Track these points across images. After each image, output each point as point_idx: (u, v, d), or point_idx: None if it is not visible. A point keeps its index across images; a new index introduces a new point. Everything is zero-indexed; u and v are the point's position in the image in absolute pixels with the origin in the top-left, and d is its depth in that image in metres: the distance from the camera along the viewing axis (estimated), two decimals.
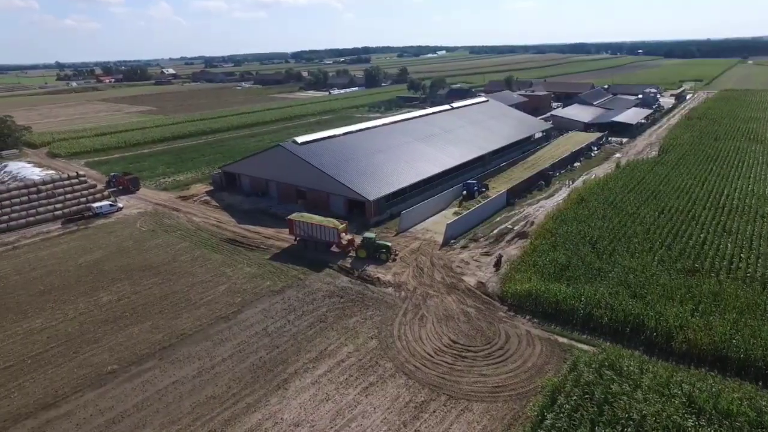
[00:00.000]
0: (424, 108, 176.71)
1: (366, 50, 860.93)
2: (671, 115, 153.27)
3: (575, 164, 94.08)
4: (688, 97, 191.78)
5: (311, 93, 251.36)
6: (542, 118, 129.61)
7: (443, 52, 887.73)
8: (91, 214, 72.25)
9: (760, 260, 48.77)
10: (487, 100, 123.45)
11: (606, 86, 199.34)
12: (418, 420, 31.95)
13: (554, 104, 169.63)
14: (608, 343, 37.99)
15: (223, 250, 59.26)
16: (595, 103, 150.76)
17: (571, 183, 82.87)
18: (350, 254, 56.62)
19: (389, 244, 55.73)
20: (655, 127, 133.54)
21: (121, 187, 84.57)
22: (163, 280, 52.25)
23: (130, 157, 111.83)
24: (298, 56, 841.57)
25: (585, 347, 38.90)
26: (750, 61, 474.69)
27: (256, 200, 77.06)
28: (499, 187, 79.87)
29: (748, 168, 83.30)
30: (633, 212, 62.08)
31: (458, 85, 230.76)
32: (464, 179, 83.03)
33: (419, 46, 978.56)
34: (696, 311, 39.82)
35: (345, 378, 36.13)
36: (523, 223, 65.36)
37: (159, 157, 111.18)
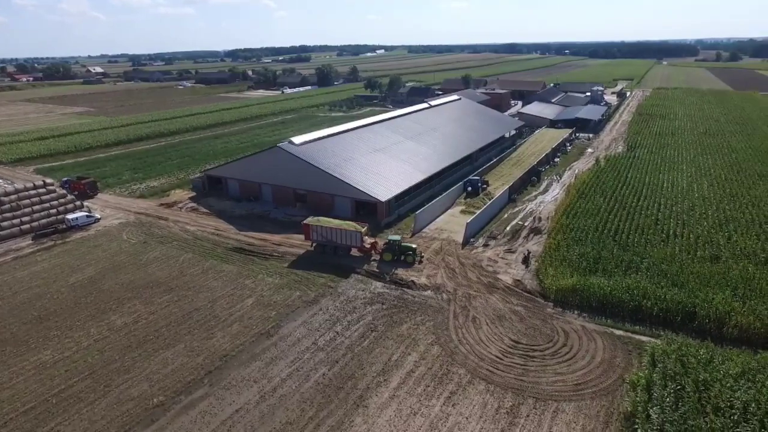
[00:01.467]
0: (386, 106, 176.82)
1: (304, 49, 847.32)
2: (620, 111, 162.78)
3: (555, 159, 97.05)
4: (627, 94, 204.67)
5: (261, 92, 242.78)
6: (511, 115, 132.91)
7: (382, 51, 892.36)
8: (65, 227, 64.73)
9: None
10: (460, 99, 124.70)
11: (554, 84, 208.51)
12: (515, 426, 30.97)
13: (511, 101, 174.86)
14: (672, 334, 38.94)
15: (235, 260, 55.10)
16: (552, 100, 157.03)
17: (558, 178, 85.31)
18: (373, 258, 54.57)
19: (415, 246, 54.26)
20: (611, 123, 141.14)
21: (77, 193, 76.50)
22: (178, 296, 47.60)
23: (86, 163, 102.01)
24: (233, 55, 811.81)
25: (643, 338, 39.68)
26: (664, 62, 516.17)
27: (248, 205, 72.55)
28: (493, 183, 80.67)
29: (719, 158, 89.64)
30: (636, 205, 64.71)
31: (410, 84, 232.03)
32: (456, 177, 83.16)
33: (357, 45, 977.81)
34: (735, 297, 41.86)
35: (423, 389, 34.42)
36: (531, 219, 66.17)
37: (120, 161, 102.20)
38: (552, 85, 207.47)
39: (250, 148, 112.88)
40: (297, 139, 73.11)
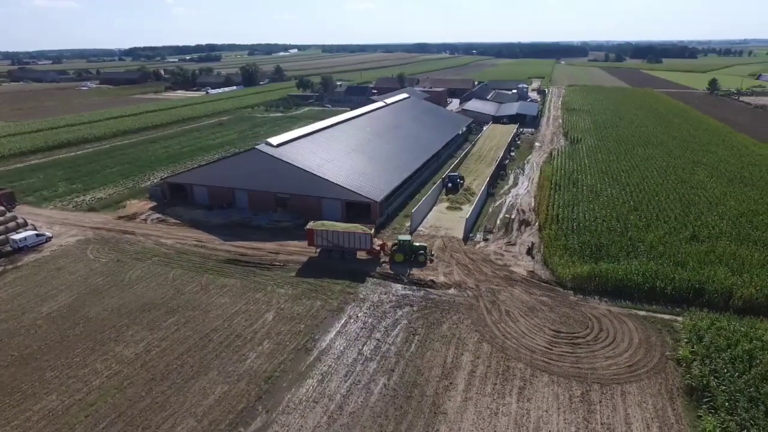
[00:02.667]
0: (324, 106, 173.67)
1: (212, 48, 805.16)
2: (548, 107, 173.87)
3: (512, 154, 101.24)
4: (546, 91, 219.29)
5: (181, 93, 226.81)
6: (456, 112, 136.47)
7: (295, 50, 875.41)
8: (11, 248, 55.58)
9: (737, 221, 58.34)
10: (409, 97, 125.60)
11: (478, 82, 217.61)
12: (594, 413, 31.65)
13: (447, 99, 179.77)
14: (693, 310, 42.04)
15: (233, 273, 50.75)
16: (487, 97, 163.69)
17: (521, 171, 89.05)
18: (382, 260, 53.07)
19: (425, 245, 53.60)
20: (544, 118, 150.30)
21: None
22: (185, 318, 42.79)
23: (4, 173, 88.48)
24: (132, 53, 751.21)
25: (664, 317, 42.49)
26: (562, 62, 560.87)
27: (223, 213, 67.24)
28: (465, 179, 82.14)
29: (654, 149, 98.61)
30: (608, 194, 69.27)
31: (340, 83, 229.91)
32: (428, 175, 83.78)
33: (268, 44, 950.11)
34: (731, 272, 46.25)
35: (492, 388, 34.02)
36: (515, 211, 68.35)
37: (48, 171, 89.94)
38: (477, 83, 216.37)
39: (197, 152, 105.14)
40: (274, 140, 68.99)
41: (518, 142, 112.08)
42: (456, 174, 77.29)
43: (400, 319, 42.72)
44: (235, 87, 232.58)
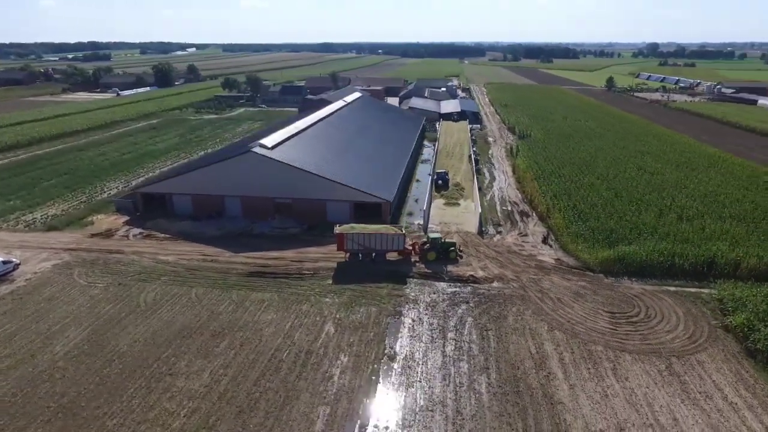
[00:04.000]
0: (259, 106, 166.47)
1: (95, 46, 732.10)
2: (480, 104, 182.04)
3: (474, 149, 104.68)
4: (470, 89, 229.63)
5: (84, 95, 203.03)
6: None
7: (193, 49, 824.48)
8: None
9: (705, 201, 65.57)
10: (361, 96, 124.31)
11: (407, 81, 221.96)
12: (686, 383, 33.96)
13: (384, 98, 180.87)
14: (720, 281, 46.62)
15: (265, 287, 46.82)
16: (425, 95, 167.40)
17: (492, 166, 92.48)
18: (414, 260, 52.19)
19: (455, 241, 53.66)
20: (482, 114, 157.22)
21: None
22: (238, 340, 38.67)
23: None
24: None
25: (691, 290, 46.70)
26: (466, 61, 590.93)
27: (214, 223, 61.62)
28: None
29: (598, 140, 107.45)
30: (588, 183, 74.38)
31: (273, 83, 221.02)
32: (408, 172, 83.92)
33: (161, 42, 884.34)
34: (729, 245, 52.08)
35: (588, 372, 35.08)
36: (508, 204, 70.91)
37: None
38: (407, 82, 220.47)
39: (143, 159, 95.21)
40: (268, 142, 64.57)
41: (473, 138, 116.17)
42: (444, 171, 78.25)
43: (464, 316, 42.44)
44: (148, 88, 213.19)
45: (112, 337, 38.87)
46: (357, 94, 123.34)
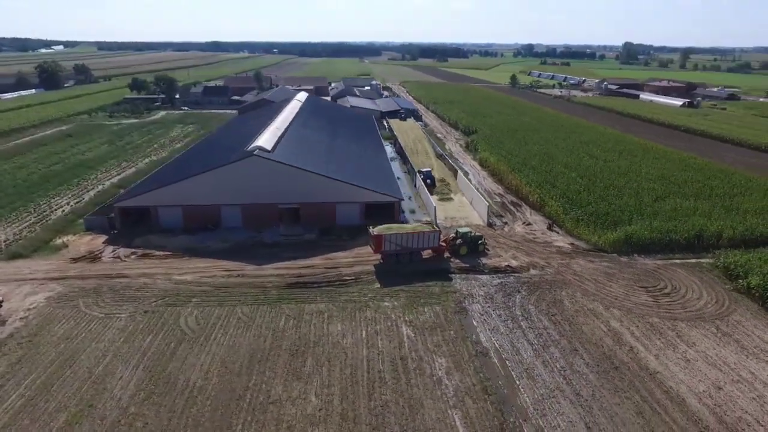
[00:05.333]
0: (180, 108, 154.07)
1: None
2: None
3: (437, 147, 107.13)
4: (391, 87, 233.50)
5: None
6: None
7: (60, 47, 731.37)
8: None
9: (663, 182, 74.00)
10: (309, 96, 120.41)
11: (329, 81, 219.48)
12: (742, 341, 38.56)
13: None
14: (719, 251, 53.08)
15: (314, 297, 44.08)
16: (357, 94, 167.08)
17: (456, 161, 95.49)
18: (447, 256, 52.46)
19: (481, 234, 54.84)
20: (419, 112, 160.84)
21: None
22: (323, 356, 36.04)
23: None
24: None
25: (691, 261, 52.87)
26: (366, 61, 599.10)
27: (214, 235, 56.26)
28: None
29: (541, 133, 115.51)
30: (559, 172, 79.95)
31: (190, 83, 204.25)
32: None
33: (16, 38, 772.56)
34: (707, 219, 59.65)
35: (662, 342, 38.25)
36: (495, 195, 74.05)
37: None
38: (329, 82, 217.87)
39: (77, 170, 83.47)
40: (265, 145, 60.23)
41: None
42: (428, 169, 79.17)
43: (524, 304, 43.83)
44: (34, 90, 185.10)
45: (177, 371, 34.10)
46: (304, 94, 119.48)
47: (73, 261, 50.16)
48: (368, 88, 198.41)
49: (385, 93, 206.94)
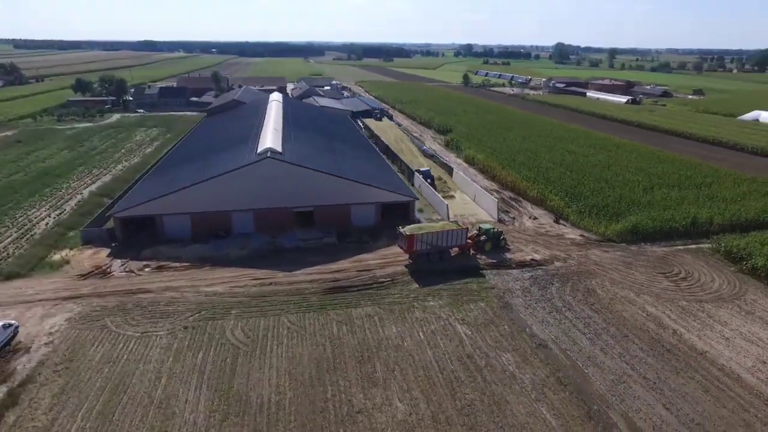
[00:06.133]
0: (136, 111, 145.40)
1: None
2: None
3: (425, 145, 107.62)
4: (349, 87, 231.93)
5: None
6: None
7: None
8: None
9: (644, 174, 78.51)
10: (283, 96, 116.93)
11: (290, 81, 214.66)
12: (764, 318, 41.84)
13: None
14: (719, 235, 57.06)
15: (359, 302, 43.16)
16: (321, 94, 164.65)
17: (440, 159, 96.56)
18: (471, 252, 52.95)
19: (501, 230, 55.76)
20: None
21: None
22: (391, 360, 35.43)
23: None
24: None
25: (691, 246, 56.62)
26: (311, 60, 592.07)
27: (228, 243, 53.50)
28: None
29: (515, 131, 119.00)
30: (548, 167, 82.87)
31: (149, 85, 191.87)
32: None
33: None
34: (697, 207, 64.10)
35: (699, 323, 40.69)
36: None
37: None
38: (290, 82, 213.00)
39: (46, 178, 76.68)
40: (274, 146, 57.93)
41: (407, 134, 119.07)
42: (428, 168, 79.41)
43: (562, 296, 45.14)
44: None
45: (245, 388, 32.19)
46: (279, 95, 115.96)
47: (82, 277, 46.00)
48: (328, 88, 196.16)
49: (345, 93, 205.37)
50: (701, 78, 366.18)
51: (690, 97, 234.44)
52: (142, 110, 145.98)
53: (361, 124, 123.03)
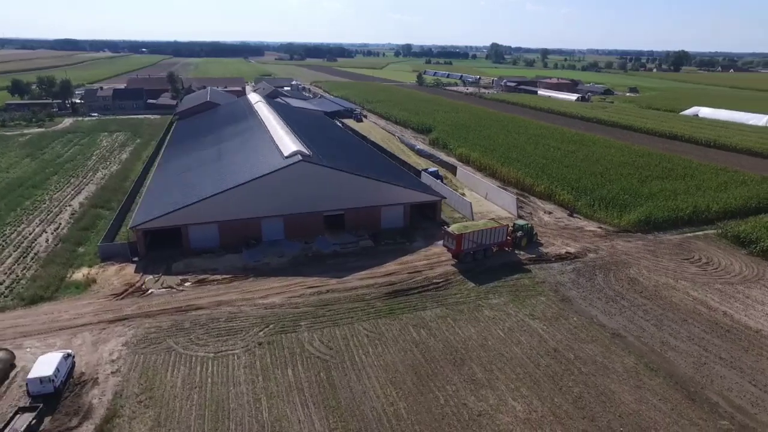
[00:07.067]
0: (89, 114, 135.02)
1: None
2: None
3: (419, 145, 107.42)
4: (309, 88, 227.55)
5: None
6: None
7: None
8: (31, 403, 29.24)
9: (631, 166, 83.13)
10: (261, 97, 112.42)
11: (250, 81, 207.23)
12: None
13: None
14: (722, 222, 61.45)
15: (425, 304, 42.64)
16: (287, 95, 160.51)
17: (441, 158, 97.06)
18: (509, 249, 53.75)
19: (532, 225, 56.98)
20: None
21: None
22: (483, 359, 35.26)
23: None
24: None
25: (699, 234, 60.76)
26: (253, 60, 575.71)
27: (261, 252, 50.87)
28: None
29: (489, 129, 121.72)
30: (542, 164, 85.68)
31: (101, 87, 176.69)
32: None
33: None
34: (691, 196, 68.84)
35: (741, 304, 43.70)
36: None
37: None
38: (250, 82, 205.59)
39: (21, 190, 69.06)
40: (302, 149, 55.62)
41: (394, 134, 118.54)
42: (435, 168, 79.51)
43: (610, 285, 46.96)
44: None
45: (353, 401, 30.81)
46: (257, 96, 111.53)
47: (118, 297, 41.95)
48: (288, 88, 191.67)
49: (306, 93, 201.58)
50: (629, 77, 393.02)
51: (628, 94, 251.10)
52: (95, 114, 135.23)
53: (339, 125, 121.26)
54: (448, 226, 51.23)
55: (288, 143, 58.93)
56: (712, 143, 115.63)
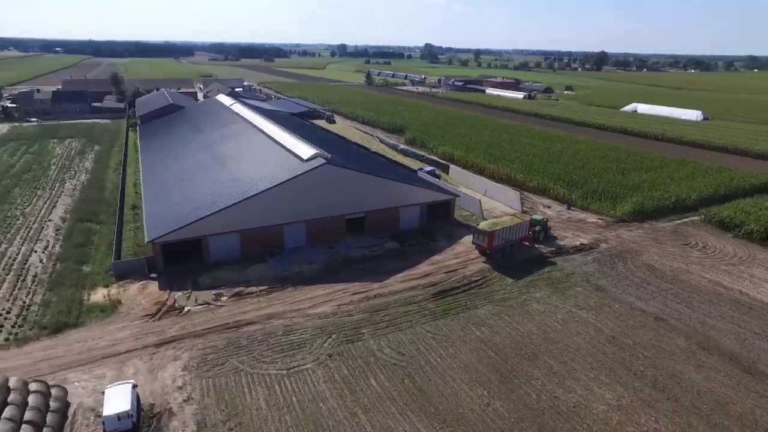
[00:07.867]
0: (27, 120, 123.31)
1: None
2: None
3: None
4: (260, 89, 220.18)
5: None
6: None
7: None
8: None
9: (611, 159, 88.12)
10: (231, 98, 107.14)
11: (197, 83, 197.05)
12: None
13: None
14: (704, 209, 66.52)
15: (473, 304, 42.89)
16: (247, 97, 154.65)
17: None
18: (527, 243, 55.15)
19: (546, 220, 58.78)
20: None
21: None
22: (554, 353, 36.04)
23: None
24: None
25: (687, 220, 65.64)
26: (184, 61, 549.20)
27: (284, 260, 48.75)
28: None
29: (462, 128, 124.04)
30: (526, 161, 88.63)
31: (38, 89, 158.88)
32: None
33: None
34: (675, 185, 74.11)
35: (752, 282, 47.76)
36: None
37: None
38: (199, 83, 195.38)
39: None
40: (319, 151, 53.64)
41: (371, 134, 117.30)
42: (432, 168, 79.67)
43: (632, 272, 49.68)
44: None
45: (447, 405, 30.42)
46: (227, 97, 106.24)
47: (154, 318, 38.47)
48: (240, 89, 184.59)
49: (259, 95, 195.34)
50: (558, 76, 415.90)
51: (566, 92, 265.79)
52: (35, 119, 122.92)
53: (310, 124, 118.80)
54: (477, 225, 51.83)
55: (303, 147, 56.86)
56: (660, 137, 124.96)
